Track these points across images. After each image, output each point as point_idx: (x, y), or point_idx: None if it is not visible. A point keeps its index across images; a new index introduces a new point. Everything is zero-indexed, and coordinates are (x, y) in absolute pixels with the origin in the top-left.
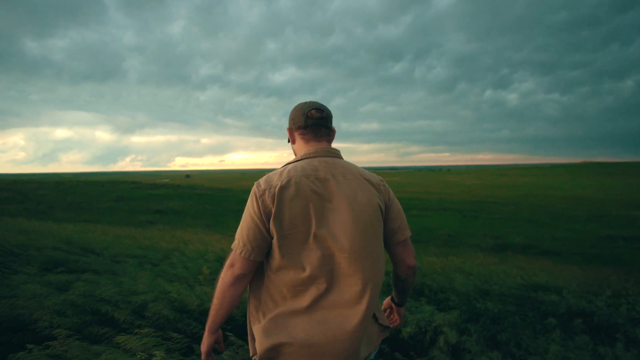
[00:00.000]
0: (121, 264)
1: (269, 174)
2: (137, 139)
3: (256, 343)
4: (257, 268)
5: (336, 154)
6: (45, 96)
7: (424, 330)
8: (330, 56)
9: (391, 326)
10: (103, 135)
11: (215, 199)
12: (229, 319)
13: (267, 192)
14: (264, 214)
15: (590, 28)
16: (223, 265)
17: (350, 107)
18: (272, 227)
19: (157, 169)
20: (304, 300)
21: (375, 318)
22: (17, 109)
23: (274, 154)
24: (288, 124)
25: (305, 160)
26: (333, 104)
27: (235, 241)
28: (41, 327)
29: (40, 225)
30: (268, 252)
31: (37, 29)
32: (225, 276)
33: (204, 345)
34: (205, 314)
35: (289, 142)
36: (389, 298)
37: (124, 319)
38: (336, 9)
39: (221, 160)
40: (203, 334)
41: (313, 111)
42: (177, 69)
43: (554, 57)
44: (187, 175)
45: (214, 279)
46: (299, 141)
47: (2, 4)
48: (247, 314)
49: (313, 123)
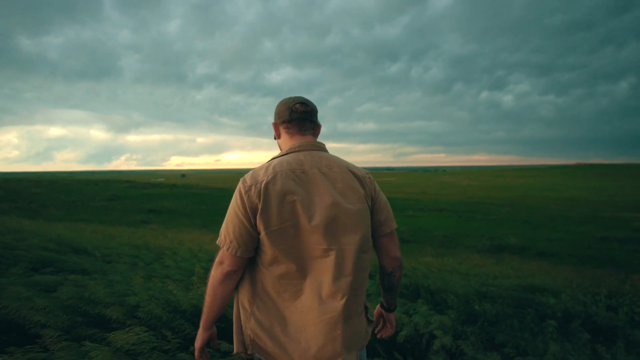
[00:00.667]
0: (112, 264)
1: (255, 169)
2: (133, 138)
3: (246, 338)
4: (249, 262)
5: (321, 148)
6: (39, 94)
7: (420, 333)
8: (327, 56)
9: (384, 336)
10: (98, 134)
11: (211, 198)
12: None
13: (253, 187)
14: (250, 210)
15: (586, 31)
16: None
17: (347, 107)
18: (260, 222)
19: (152, 168)
20: (296, 293)
21: (365, 309)
22: (11, 106)
23: (270, 153)
24: (273, 118)
25: (290, 155)
26: (330, 104)
27: (221, 237)
28: (28, 328)
29: (30, 224)
30: (258, 247)
31: (32, 26)
32: (215, 274)
33: (198, 342)
34: (199, 314)
35: (275, 137)
36: (378, 306)
37: (115, 318)
38: (333, 9)
39: (217, 160)
40: (193, 335)
41: (298, 105)
42: (174, 68)
43: (549, 59)
44: (183, 174)
45: (207, 277)
46: (284, 135)
47: None
48: (236, 308)
49: (298, 117)
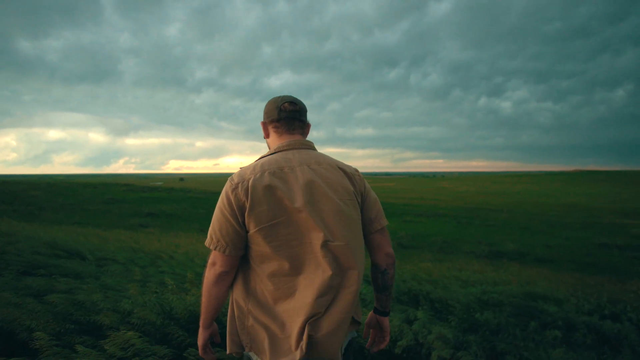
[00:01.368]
0: (105, 268)
1: (242, 168)
2: (131, 142)
3: (242, 337)
4: (242, 262)
5: (310, 146)
6: (38, 97)
7: (420, 342)
8: (326, 61)
9: (380, 348)
10: (97, 137)
11: (209, 202)
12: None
13: (240, 185)
14: (237, 209)
15: (583, 38)
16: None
17: (346, 112)
18: (248, 220)
19: (150, 172)
20: (289, 290)
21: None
22: (10, 109)
23: None
24: (262, 118)
25: (278, 153)
26: (329, 109)
27: (208, 237)
28: (17, 334)
29: (24, 227)
30: (249, 245)
31: (31, 29)
32: (208, 275)
33: (200, 340)
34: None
35: (264, 137)
36: (370, 313)
37: (108, 324)
38: (333, 15)
39: (215, 164)
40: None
41: (286, 104)
42: (173, 72)
43: (547, 66)
44: (181, 178)
45: (201, 282)
46: (273, 135)
47: None
48: (231, 309)
49: (286, 116)
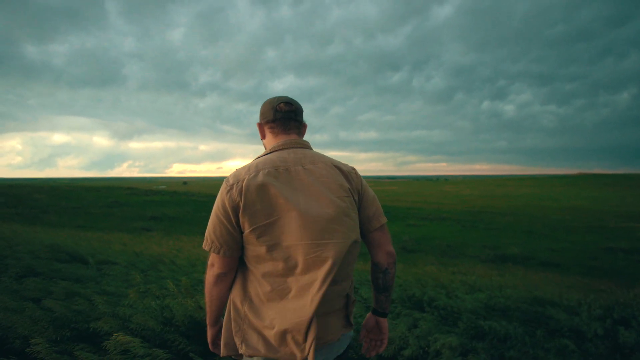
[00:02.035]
0: (106, 272)
1: (238, 169)
2: (135, 145)
3: (237, 339)
4: (240, 263)
5: (305, 145)
6: (43, 101)
7: (425, 350)
8: (330, 65)
9: (378, 352)
10: (101, 141)
11: (212, 205)
12: None
13: (234, 186)
14: (232, 210)
15: (586, 41)
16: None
17: (349, 116)
18: (242, 220)
19: (154, 175)
20: (283, 290)
21: (348, 296)
22: (15, 113)
23: None
24: (259, 119)
25: (274, 153)
26: (332, 113)
27: (204, 239)
28: (13, 340)
29: (25, 231)
30: (245, 246)
31: (37, 34)
32: (208, 276)
33: (208, 337)
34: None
35: (261, 138)
36: (369, 314)
37: (107, 330)
38: (336, 19)
39: (219, 167)
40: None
41: (282, 104)
42: (177, 76)
43: (550, 70)
44: (185, 181)
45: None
46: (269, 135)
47: (2, 7)
48: (227, 312)
49: (282, 116)
